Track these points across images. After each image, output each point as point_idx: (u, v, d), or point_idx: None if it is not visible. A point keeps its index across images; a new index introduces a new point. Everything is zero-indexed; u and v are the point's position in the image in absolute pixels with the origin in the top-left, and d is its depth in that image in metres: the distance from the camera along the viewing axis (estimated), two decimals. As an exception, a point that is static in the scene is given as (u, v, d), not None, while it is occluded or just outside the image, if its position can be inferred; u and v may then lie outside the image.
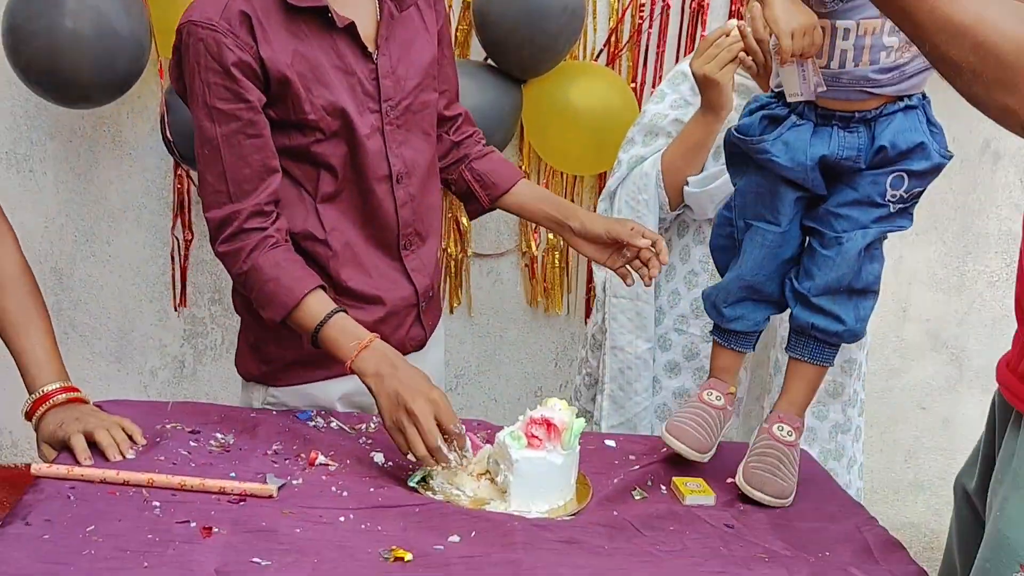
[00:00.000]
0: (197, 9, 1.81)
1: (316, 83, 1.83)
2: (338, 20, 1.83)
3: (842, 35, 1.69)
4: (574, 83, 2.86)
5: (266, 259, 1.81)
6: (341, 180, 1.89)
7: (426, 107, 1.98)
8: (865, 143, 1.74)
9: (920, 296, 3.45)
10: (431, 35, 1.98)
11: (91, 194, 3.00)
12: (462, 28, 2.95)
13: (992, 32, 1.22)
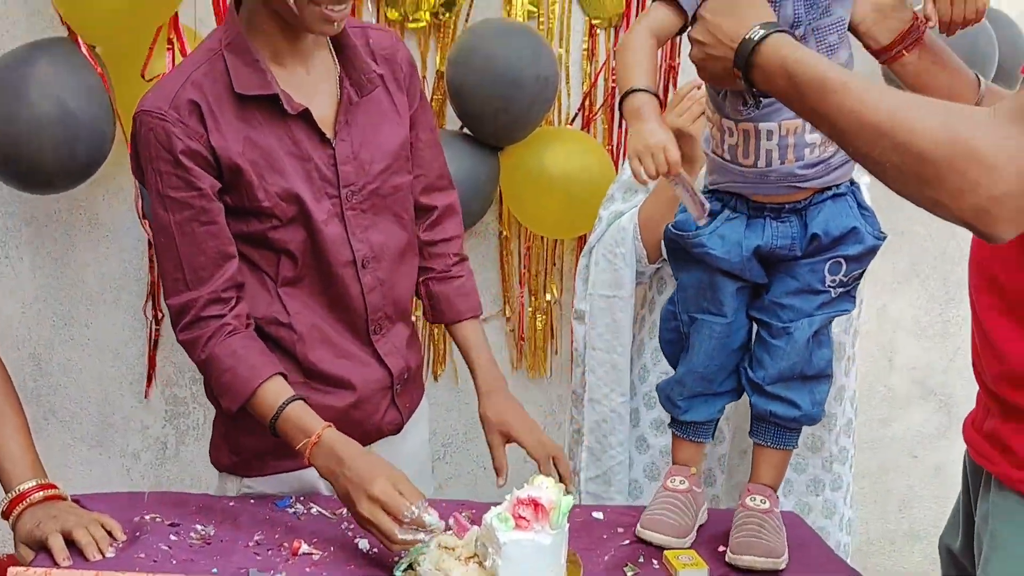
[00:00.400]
0: (148, 99, 1.80)
1: (269, 170, 1.81)
2: (290, 107, 1.81)
3: (766, 136, 1.70)
4: (550, 148, 2.87)
5: (223, 348, 1.80)
6: (301, 265, 1.87)
7: (398, 191, 1.96)
8: (798, 232, 1.76)
9: (905, 344, 3.45)
10: (402, 118, 1.96)
11: (68, 278, 2.97)
12: (437, 98, 2.95)
13: (908, 130, 1.23)
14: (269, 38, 1.82)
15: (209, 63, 1.81)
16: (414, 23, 2.89)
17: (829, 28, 1.68)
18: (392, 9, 2.86)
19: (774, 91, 1.46)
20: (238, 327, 1.82)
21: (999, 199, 1.17)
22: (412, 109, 1.99)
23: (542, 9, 2.99)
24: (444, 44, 2.93)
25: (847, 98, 1.30)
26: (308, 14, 1.75)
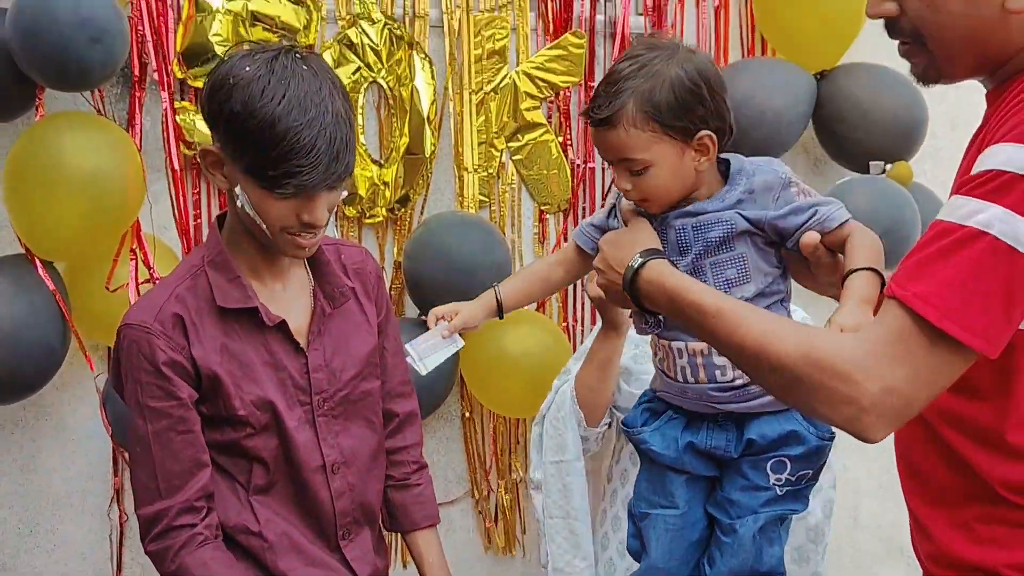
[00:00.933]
0: (133, 312, 1.90)
1: (245, 379, 1.88)
2: (268, 319, 1.90)
3: (678, 354, 1.79)
4: (508, 331, 2.94)
5: (193, 559, 1.82)
6: (273, 472, 1.92)
7: (368, 396, 2.03)
8: (733, 436, 1.81)
9: (868, 504, 3.49)
10: (371, 327, 2.05)
11: (34, 484, 2.97)
12: (395, 287, 3.05)
13: (777, 353, 1.36)
14: (248, 256, 1.92)
15: (192, 278, 1.90)
16: (371, 219, 3.01)
17: (727, 263, 1.72)
18: (350, 207, 2.98)
19: (663, 312, 1.62)
20: (209, 537, 1.84)
21: (866, 409, 1.29)
22: (379, 318, 2.08)
23: (493, 198, 3.13)
24: (401, 236, 3.04)
25: (722, 322, 1.45)
26: (281, 241, 1.84)
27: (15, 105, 2.62)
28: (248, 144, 1.75)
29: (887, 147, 3.11)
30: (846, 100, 3.12)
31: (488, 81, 3.07)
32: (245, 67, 1.77)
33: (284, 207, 1.79)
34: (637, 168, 1.70)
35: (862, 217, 2.95)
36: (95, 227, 2.58)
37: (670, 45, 1.73)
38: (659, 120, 1.67)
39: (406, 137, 3.00)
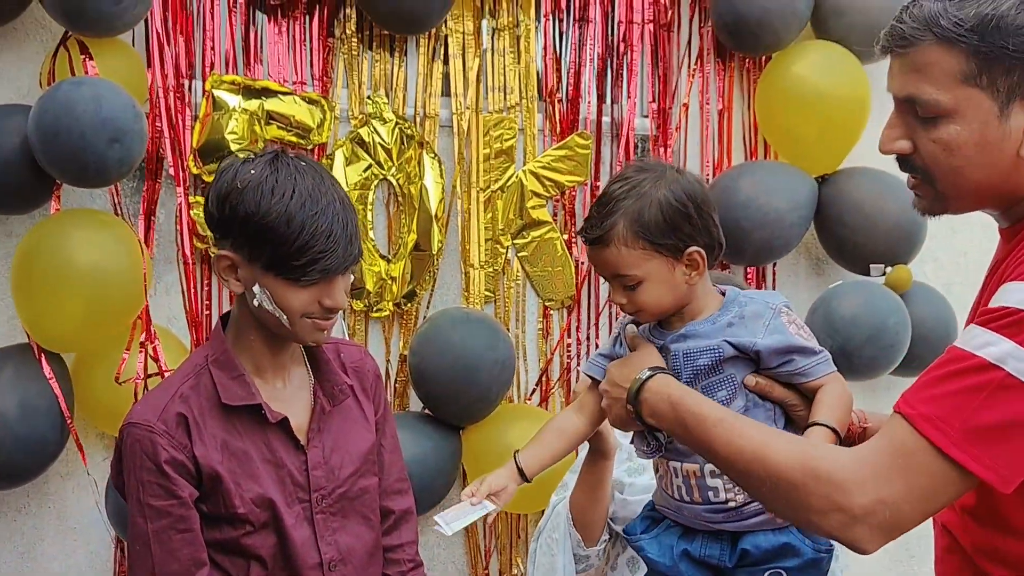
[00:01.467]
0: (138, 411, 1.92)
1: (245, 477, 1.90)
2: (271, 416, 1.92)
3: (674, 473, 1.82)
4: (511, 426, 2.97)
5: None
6: (272, 570, 1.93)
7: (365, 492, 2.04)
8: (727, 547, 1.81)
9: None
10: (369, 424, 2.08)
11: (35, 571, 2.97)
12: (400, 380, 3.08)
13: (775, 460, 1.40)
14: (253, 353, 1.95)
15: (195, 377, 1.94)
16: (378, 312, 3.05)
17: (718, 384, 1.76)
18: (357, 301, 3.02)
19: (664, 425, 1.65)
20: None
21: (858, 518, 1.32)
22: (377, 415, 2.11)
23: (498, 294, 3.17)
24: (407, 330, 3.08)
25: (723, 429, 1.49)
26: (301, 328, 1.89)
27: (33, 199, 2.69)
28: (267, 242, 1.82)
29: (888, 250, 3.17)
30: (847, 203, 3.18)
31: (495, 180, 3.14)
32: (249, 171, 1.85)
33: (306, 296, 1.86)
34: (630, 283, 1.77)
35: (848, 321, 3.01)
36: (98, 320, 2.63)
37: (658, 167, 1.81)
38: (648, 238, 1.74)
39: (414, 234, 3.06)
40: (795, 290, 3.38)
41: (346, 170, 3.01)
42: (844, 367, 3.03)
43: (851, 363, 3.05)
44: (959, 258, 3.50)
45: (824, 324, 3.09)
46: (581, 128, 3.23)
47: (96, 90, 2.47)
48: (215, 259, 1.93)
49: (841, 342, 3.04)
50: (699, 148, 3.33)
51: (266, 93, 2.92)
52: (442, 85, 3.13)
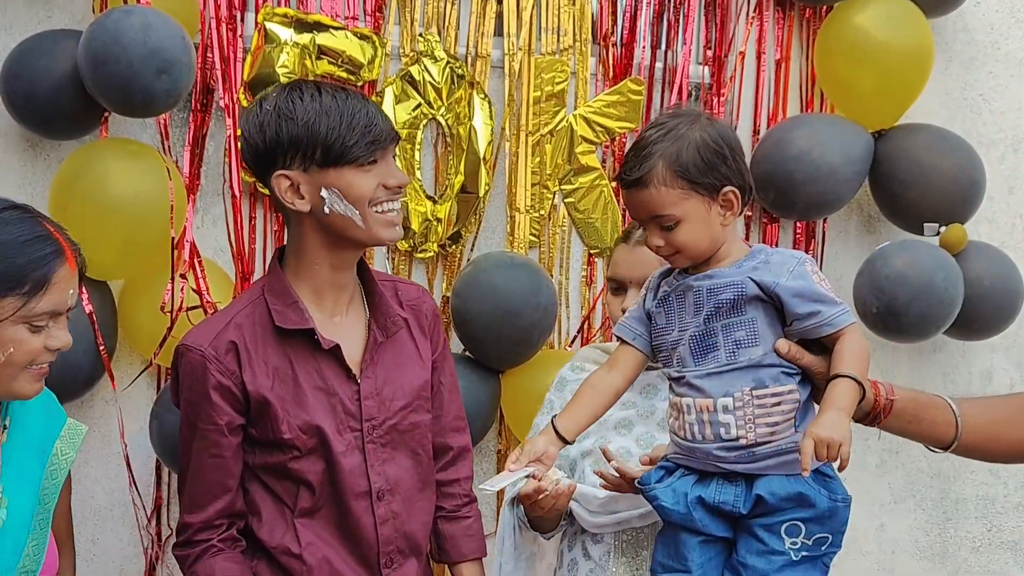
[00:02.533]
0: (192, 333, 2.02)
1: (294, 404, 1.96)
2: (323, 343, 1.97)
3: (687, 410, 1.83)
4: (551, 371, 2.92)
5: (203, 567, 1.97)
6: (319, 496, 1.98)
7: (416, 428, 2.08)
8: (742, 492, 1.81)
9: (905, 564, 3.45)
10: (424, 362, 2.11)
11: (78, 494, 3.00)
12: (443, 321, 3.08)
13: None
14: (314, 281, 2.01)
15: (252, 305, 2.02)
16: (422, 253, 3.05)
17: (737, 325, 1.80)
18: (402, 240, 3.02)
19: None
20: (223, 548, 1.97)
21: None
22: (435, 354, 2.14)
23: (543, 239, 3.16)
24: (451, 272, 3.08)
25: None
26: (375, 223, 1.97)
27: (82, 126, 2.70)
28: (315, 139, 1.93)
29: (943, 209, 3.10)
30: (903, 160, 3.11)
31: (545, 124, 3.11)
32: (272, 96, 1.98)
33: (369, 179, 1.96)
34: (668, 224, 1.81)
35: (895, 279, 2.96)
36: (135, 249, 2.66)
37: (692, 112, 1.88)
38: (686, 178, 1.80)
39: (461, 175, 3.05)
40: (844, 247, 3.33)
41: (395, 108, 2.99)
42: (892, 327, 3.02)
43: (899, 322, 3.01)
44: (1015, 220, 3.43)
45: (870, 282, 3.04)
46: (634, 74, 3.18)
47: (145, 19, 2.46)
48: (274, 185, 1.98)
49: (887, 300, 2.99)
50: (753, 99, 3.26)
51: (318, 27, 2.90)
52: (495, 25, 3.09)
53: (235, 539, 2.01)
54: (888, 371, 3.36)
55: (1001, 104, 3.40)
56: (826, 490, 1.81)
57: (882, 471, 3.40)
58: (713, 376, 1.81)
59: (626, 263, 2.13)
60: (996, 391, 3.42)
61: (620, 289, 2.16)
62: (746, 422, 1.78)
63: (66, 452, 1.92)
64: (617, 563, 2.10)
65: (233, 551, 1.99)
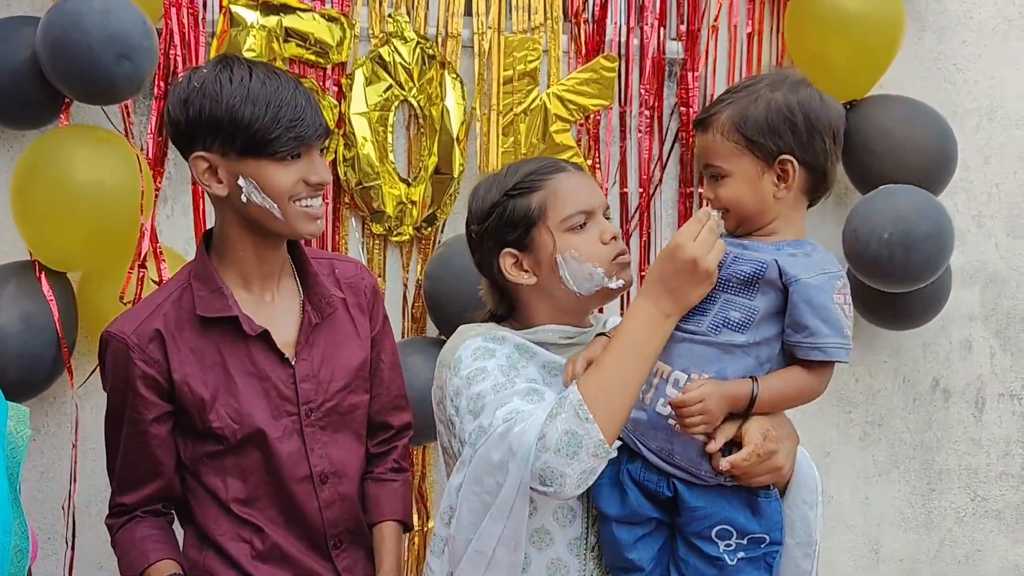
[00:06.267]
0: (116, 323, 1.97)
1: (223, 392, 1.93)
2: (249, 329, 1.93)
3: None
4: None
5: (125, 534, 1.98)
6: (257, 484, 1.96)
7: (356, 408, 2.05)
8: (663, 480, 1.75)
9: (890, 536, 3.45)
10: (363, 340, 2.07)
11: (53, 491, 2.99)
12: (418, 305, 3.05)
13: None
14: (240, 266, 1.97)
15: (179, 291, 1.97)
16: (397, 237, 3.01)
17: (738, 306, 1.72)
18: (377, 224, 2.98)
19: None
20: (145, 515, 1.98)
21: None
22: (374, 332, 2.09)
23: (518, 219, 3.11)
24: (426, 255, 3.04)
25: None
26: (294, 217, 1.90)
27: (42, 114, 2.65)
28: (237, 126, 1.86)
29: (914, 180, 3.08)
30: (874, 131, 3.09)
31: (519, 103, 3.07)
32: (202, 72, 1.91)
33: (290, 175, 1.89)
34: (716, 174, 1.77)
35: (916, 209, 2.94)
36: (100, 238, 2.60)
37: (786, 75, 1.82)
38: (744, 134, 1.73)
39: (435, 156, 3.01)
40: (820, 220, 3.31)
41: (366, 91, 2.95)
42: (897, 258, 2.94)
43: (907, 254, 2.96)
44: (991, 189, 3.42)
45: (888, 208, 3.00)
46: (607, 50, 3.14)
47: (105, 4, 2.41)
48: (193, 164, 1.92)
49: (906, 227, 2.96)
50: (727, 73, 3.24)
51: (285, 9, 2.85)
52: (464, 4, 3.04)
53: (160, 512, 2.02)
54: (868, 344, 3.35)
55: (975, 73, 3.39)
56: (745, 488, 1.74)
57: (865, 444, 3.40)
58: (684, 343, 1.74)
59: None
60: (976, 361, 3.42)
61: None
62: None
63: (20, 430, 1.89)
64: None
65: (157, 519, 2.01)
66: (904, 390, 3.41)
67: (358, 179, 2.94)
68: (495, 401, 1.74)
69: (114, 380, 1.95)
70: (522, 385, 1.76)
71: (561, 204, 1.85)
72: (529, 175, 1.89)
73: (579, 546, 1.83)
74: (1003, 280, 3.42)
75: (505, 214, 1.88)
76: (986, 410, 3.45)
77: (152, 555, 1.95)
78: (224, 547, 1.95)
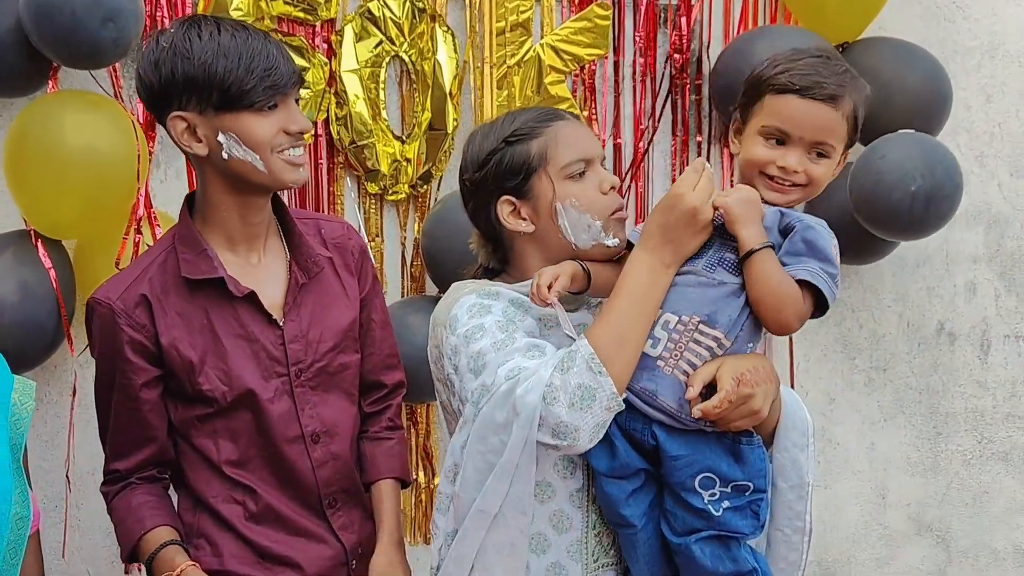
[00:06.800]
0: (102, 289, 1.96)
1: (212, 355, 1.92)
2: (236, 290, 1.92)
3: None
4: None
5: (120, 501, 1.98)
6: (248, 445, 1.96)
7: (345, 368, 2.04)
8: (649, 425, 1.75)
9: (897, 481, 3.45)
10: (351, 301, 2.06)
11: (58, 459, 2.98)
12: (416, 264, 3.03)
13: None
14: (225, 226, 1.95)
15: (164, 254, 1.96)
16: (393, 195, 2.98)
17: (735, 249, 1.74)
18: (372, 183, 2.95)
19: None
20: (140, 483, 1.98)
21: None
22: (363, 292, 2.08)
23: (516, 173, 3.08)
24: (423, 213, 3.01)
25: None
26: (277, 168, 1.89)
27: (30, 81, 2.62)
28: (211, 81, 1.84)
29: (907, 123, 3.00)
30: (866, 73, 2.96)
31: (512, 54, 3.03)
32: (169, 32, 1.89)
33: (269, 124, 1.88)
34: (824, 151, 1.78)
35: (943, 160, 2.87)
36: (95, 205, 2.57)
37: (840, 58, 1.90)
38: (855, 125, 1.81)
39: (428, 112, 2.97)
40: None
41: (356, 47, 2.90)
42: (919, 208, 2.84)
43: (927, 203, 2.86)
44: (994, 128, 3.38)
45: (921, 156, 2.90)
46: (600, -2, 3.09)
47: (88, -34, 2.37)
48: (171, 125, 1.90)
49: (937, 179, 2.87)
50: (722, 18, 3.18)
51: (271, -33, 2.80)
52: (453, -46, 2.99)
53: (155, 478, 2.02)
54: (872, 289, 3.33)
55: (976, 11, 3.33)
56: (727, 435, 1.74)
57: (871, 390, 3.38)
58: (677, 287, 1.74)
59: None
60: (981, 303, 3.40)
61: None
62: (675, 348, 1.72)
63: (24, 402, 1.90)
64: None
65: (152, 485, 2.00)
66: (909, 334, 3.39)
67: (351, 138, 2.91)
68: (496, 359, 1.73)
69: (102, 347, 1.94)
70: (522, 341, 1.75)
71: (562, 151, 1.84)
72: (528, 122, 1.88)
73: (580, 498, 1.84)
74: (1007, 221, 3.38)
75: (504, 161, 1.86)
76: (991, 352, 3.43)
77: (148, 521, 1.95)
78: (217, 509, 1.96)
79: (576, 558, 1.83)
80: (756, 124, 1.79)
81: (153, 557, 1.92)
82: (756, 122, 1.80)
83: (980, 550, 3.49)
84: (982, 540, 3.49)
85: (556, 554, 1.82)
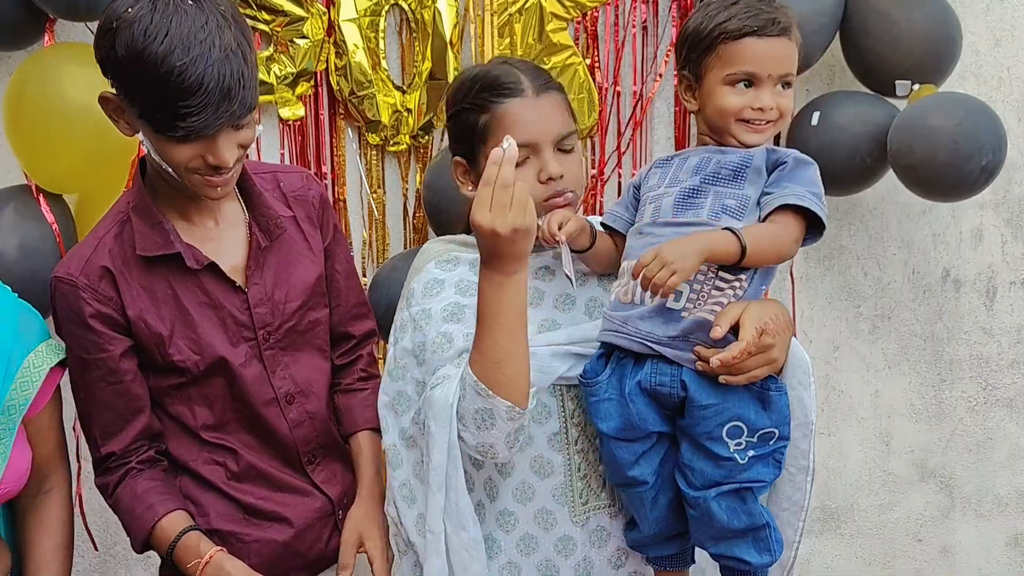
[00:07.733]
0: (62, 265, 1.90)
1: (180, 325, 1.88)
2: (192, 263, 1.87)
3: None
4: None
5: (124, 490, 1.90)
6: (224, 410, 1.94)
7: (316, 325, 2.03)
8: (677, 373, 1.73)
9: (901, 428, 3.45)
10: (316, 255, 2.03)
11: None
12: (419, 216, 3.01)
13: None
14: (172, 198, 1.90)
15: (120, 225, 1.90)
16: (394, 147, 2.96)
17: (730, 195, 1.75)
18: (373, 134, 2.93)
19: None
20: (142, 468, 1.91)
21: None
22: (326, 243, 2.05)
23: (518, 123, 3.05)
24: (425, 164, 2.99)
25: None
26: (192, 183, 1.81)
27: (25, 34, 2.59)
28: (137, 88, 1.69)
29: (915, 66, 2.95)
30: (873, 14, 2.95)
31: (513, 2, 2.99)
32: (127, 8, 1.70)
33: (187, 150, 1.74)
34: (788, 82, 1.80)
35: None
36: (95, 159, 2.55)
37: None
38: (800, 47, 1.84)
39: (429, 61, 2.94)
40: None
41: (356, -4, 2.87)
42: (957, 166, 2.81)
43: (964, 165, 2.81)
44: (1002, 73, 3.33)
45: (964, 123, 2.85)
46: (602, -57, 3.04)
47: (81, -85, 2.34)
48: (100, 100, 1.80)
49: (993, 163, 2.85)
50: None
51: (267, -85, 2.77)
52: (453, -99, 2.94)
53: (154, 459, 1.94)
54: (877, 237, 3.31)
55: (984, -47, 3.28)
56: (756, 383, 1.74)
57: (875, 337, 3.38)
58: (686, 229, 1.73)
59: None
60: (987, 249, 3.38)
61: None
62: (698, 296, 1.72)
63: (39, 365, 1.87)
64: None
65: (154, 470, 1.93)
66: (914, 281, 3.38)
67: (351, 88, 2.88)
68: (433, 359, 1.82)
69: (69, 325, 1.87)
70: (459, 344, 1.80)
71: (502, 133, 1.78)
72: (483, 91, 1.85)
73: (559, 441, 1.85)
74: (1014, 167, 3.35)
75: (457, 125, 1.89)
76: (997, 299, 3.42)
77: (160, 507, 1.90)
78: (198, 471, 1.94)
79: (562, 502, 1.86)
80: (718, 75, 1.79)
81: (174, 545, 1.87)
82: (716, 73, 1.79)
83: (983, 496, 3.50)
84: (985, 486, 3.50)
85: (541, 500, 1.86)
